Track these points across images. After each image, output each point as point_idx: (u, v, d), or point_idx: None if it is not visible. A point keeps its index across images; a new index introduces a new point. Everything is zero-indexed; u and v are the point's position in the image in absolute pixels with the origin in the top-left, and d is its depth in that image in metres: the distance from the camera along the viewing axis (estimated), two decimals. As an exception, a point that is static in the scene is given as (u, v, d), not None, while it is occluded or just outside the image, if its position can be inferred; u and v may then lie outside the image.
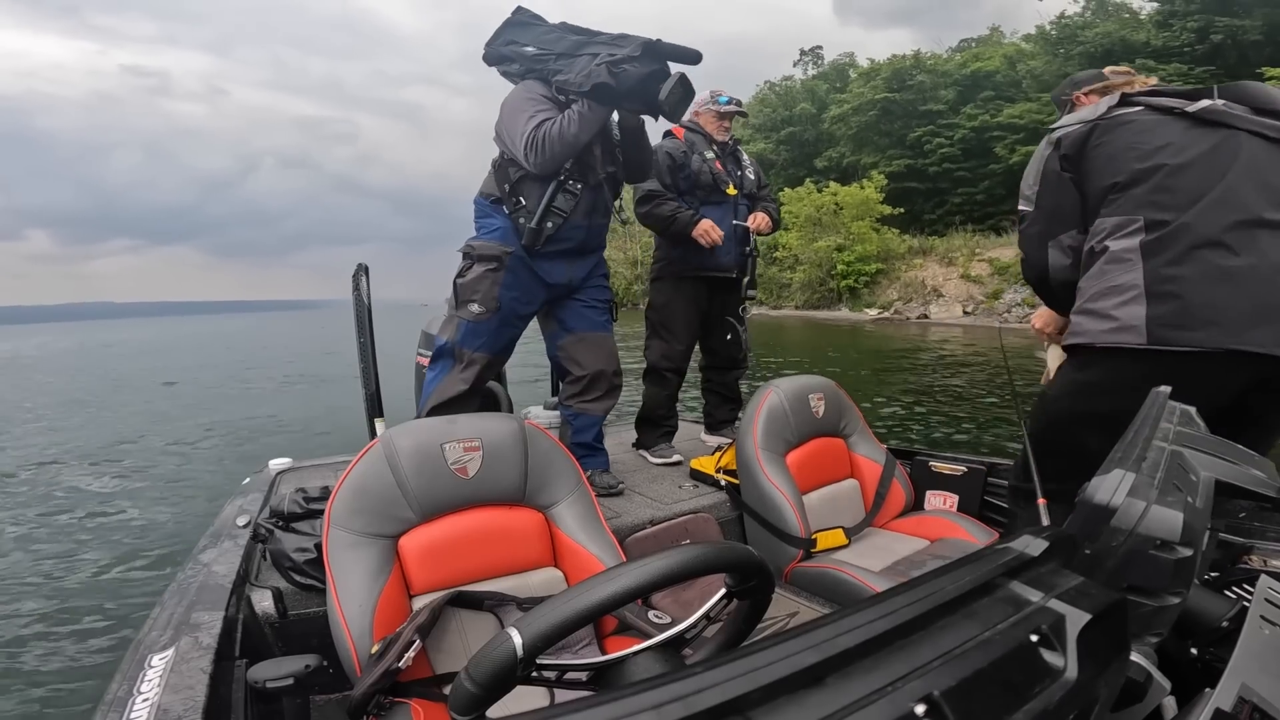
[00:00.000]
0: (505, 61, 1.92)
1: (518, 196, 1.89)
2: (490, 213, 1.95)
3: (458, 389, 1.94)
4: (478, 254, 1.92)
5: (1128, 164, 1.34)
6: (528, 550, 1.38)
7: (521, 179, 1.89)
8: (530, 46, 1.86)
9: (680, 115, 1.83)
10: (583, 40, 1.82)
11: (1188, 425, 0.73)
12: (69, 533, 4.17)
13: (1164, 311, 1.26)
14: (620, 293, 43.75)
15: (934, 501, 2.24)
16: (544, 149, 1.76)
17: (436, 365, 1.99)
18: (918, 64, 28.87)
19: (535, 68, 1.85)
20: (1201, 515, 0.53)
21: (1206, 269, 1.25)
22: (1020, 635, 0.41)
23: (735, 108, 2.57)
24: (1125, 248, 1.33)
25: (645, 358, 2.67)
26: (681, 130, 2.57)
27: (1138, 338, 1.28)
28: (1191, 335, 1.24)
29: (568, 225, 1.92)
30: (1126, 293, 1.31)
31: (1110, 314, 1.32)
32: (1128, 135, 1.36)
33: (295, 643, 1.41)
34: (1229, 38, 18.65)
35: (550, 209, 1.88)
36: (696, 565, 0.62)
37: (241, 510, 1.80)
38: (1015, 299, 17.73)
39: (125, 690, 0.94)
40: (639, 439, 2.69)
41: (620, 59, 1.70)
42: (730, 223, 2.53)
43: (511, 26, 1.91)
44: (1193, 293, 1.25)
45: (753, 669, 0.33)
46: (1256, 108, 1.32)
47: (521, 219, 1.89)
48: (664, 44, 1.73)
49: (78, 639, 2.81)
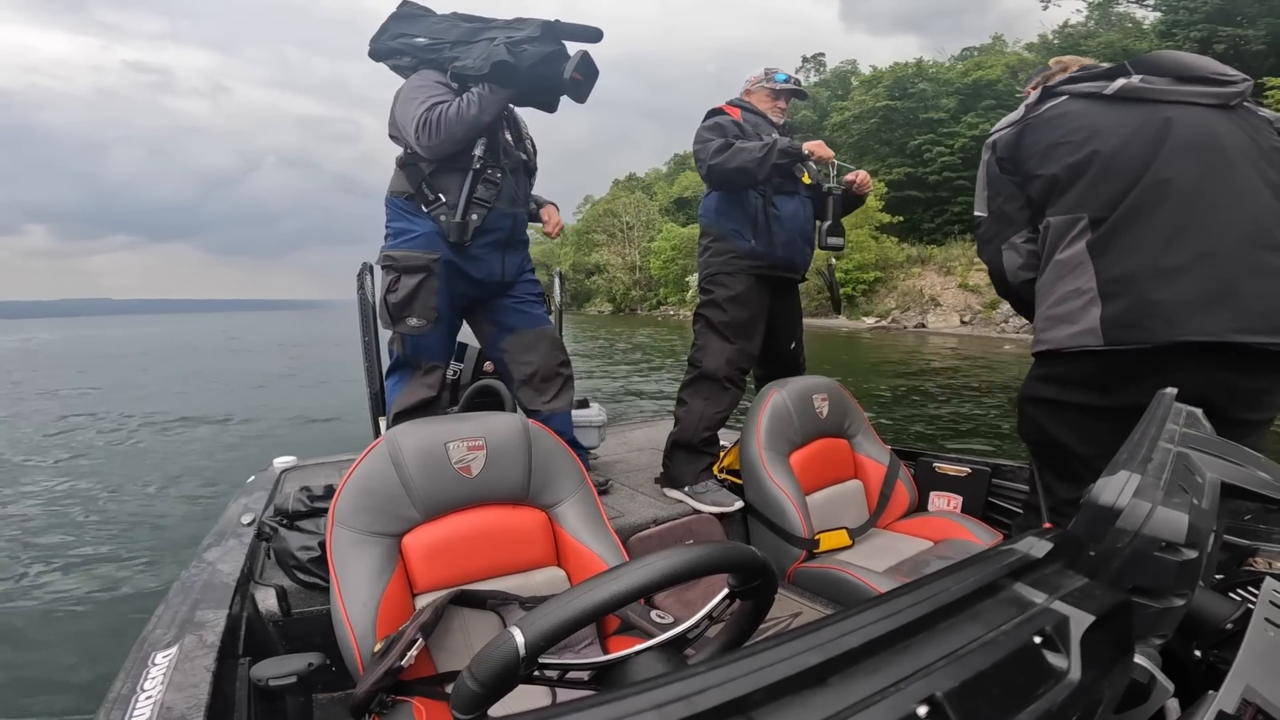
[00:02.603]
0: (395, 55, 1.84)
1: (436, 193, 1.79)
2: (405, 215, 1.82)
3: (423, 395, 1.88)
4: (402, 265, 1.80)
5: (1060, 160, 1.33)
6: (531, 549, 1.38)
7: (435, 173, 1.78)
8: (421, 37, 1.80)
9: (585, 95, 1.78)
10: (478, 26, 1.79)
11: (1193, 427, 0.73)
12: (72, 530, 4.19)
13: (1116, 311, 1.25)
14: (618, 298, 43.79)
15: (938, 502, 2.23)
16: (439, 129, 1.68)
17: (395, 374, 1.93)
18: (920, 72, 28.92)
19: (429, 58, 1.79)
20: (1207, 517, 0.53)
21: (1148, 262, 1.23)
22: (1024, 636, 0.41)
23: (793, 86, 2.26)
24: (1075, 251, 1.32)
25: (696, 364, 2.19)
26: (736, 110, 2.23)
27: (1095, 340, 1.27)
28: (1139, 333, 1.23)
29: (493, 215, 1.83)
30: (1082, 296, 1.30)
31: (1069, 319, 1.32)
32: (1056, 130, 1.35)
33: (299, 641, 1.41)
34: (1232, 48, 18.63)
35: (473, 200, 1.78)
36: (700, 565, 0.62)
37: (246, 508, 1.81)
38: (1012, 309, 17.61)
39: (129, 688, 0.94)
40: (670, 473, 2.16)
41: (519, 39, 1.67)
42: (802, 217, 2.21)
43: (399, 20, 1.85)
44: (1139, 289, 1.23)
45: (755, 669, 0.33)
46: (1180, 76, 1.29)
47: (443, 216, 1.78)
48: (563, 24, 1.70)
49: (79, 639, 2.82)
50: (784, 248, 2.17)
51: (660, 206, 47.03)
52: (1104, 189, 1.28)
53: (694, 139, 2.17)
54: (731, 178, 2.06)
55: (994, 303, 18.40)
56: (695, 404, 2.17)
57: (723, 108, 2.26)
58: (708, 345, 2.19)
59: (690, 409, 2.17)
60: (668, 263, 36.69)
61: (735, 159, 2.02)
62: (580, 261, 45.51)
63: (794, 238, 2.19)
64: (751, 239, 2.14)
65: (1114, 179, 1.27)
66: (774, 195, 2.14)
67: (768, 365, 2.42)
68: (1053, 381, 1.41)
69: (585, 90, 1.78)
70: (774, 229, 2.14)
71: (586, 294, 47.02)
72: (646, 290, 42.37)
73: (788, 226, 2.17)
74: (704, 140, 2.12)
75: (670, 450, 2.19)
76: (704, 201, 2.31)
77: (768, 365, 2.42)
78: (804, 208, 2.22)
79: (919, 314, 20.46)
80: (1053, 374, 1.40)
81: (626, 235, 45.45)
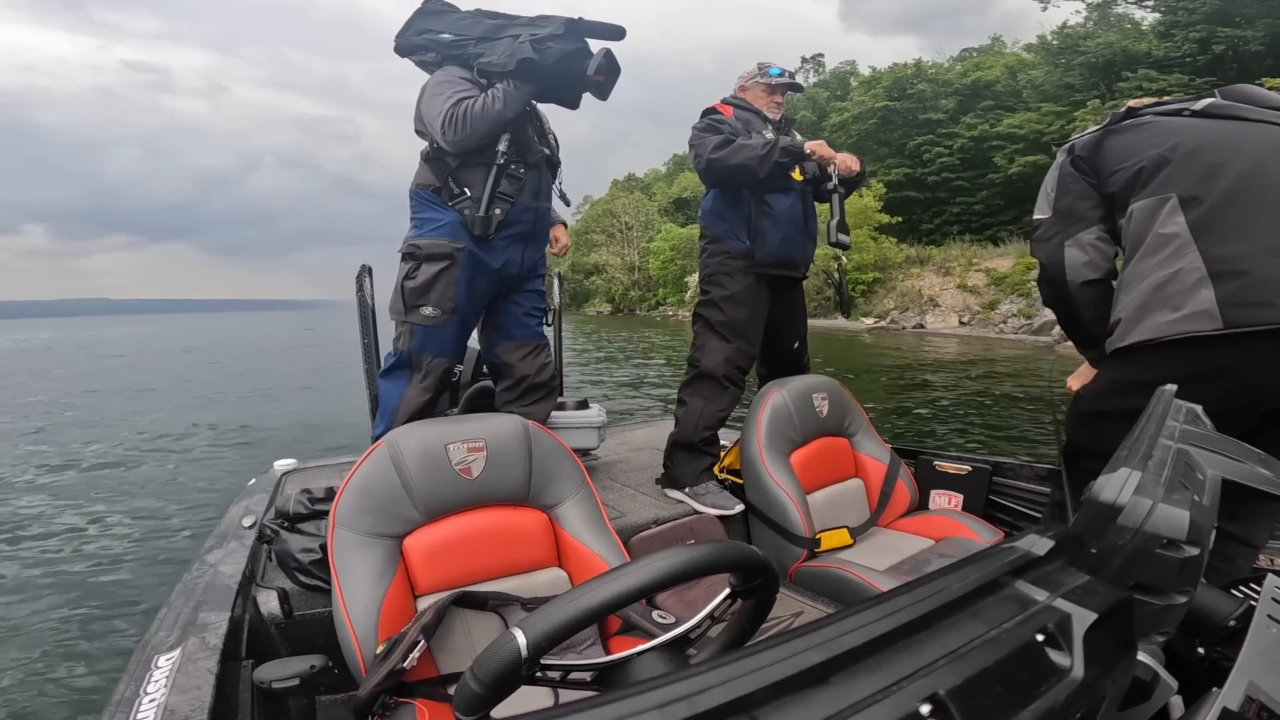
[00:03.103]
0: (420, 51, 1.85)
1: (461, 186, 1.80)
2: (431, 206, 1.84)
3: (422, 400, 1.84)
4: (425, 253, 1.79)
5: (1145, 154, 1.32)
6: (532, 550, 1.38)
7: (461, 167, 1.79)
8: (446, 33, 1.81)
9: (608, 91, 1.78)
10: (501, 23, 1.80)
11: (1194, 423, 0.73)
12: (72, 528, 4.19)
13: (1234, 290, 1.17)
14: (617, 298, 43.76)
15: (939, 501, 2.23)
16: (464, 124, 1.69)
17: (391, 377, 1.88)
18: (919, 72, 28.91)
19: (453, 54, 1.80)
20: (1208, 514, 0.53)
21: (1266, 243, 1.18)
22: (1026, 634, 0.41)
23: (788, 79, 2.25)
24: (1172, 231, 1.26)
25: (695, 364, 2.20)
26: (729, 108, 2.24)
27: (1211, 323, 1.18)
28: (1266, 312, 1.15)
29: (516, 209, 1.84)
30: (1186, 278, 1.22)
31: (1169, 303, 1.23)
32: (1141, 133, 1.36)
33: (301, 643, 1.41)
34: (1230, 48, 18.61)
35: (496, 195, 1.79)
36: (701, 565, 0.62)
37: (247, 511, 1.81)
38: (1011, 310, 17.69)
39: (132, 691, 0.94)
40: (670, 474, 2.17)
41: (543, 37, 1.68)
42: (798, 214, 2.19)
43: (424, 15, 1.86)
44: (1261, 267, 1.17)
45: (757, 668, 0.33)
46: (1263, 104, 1.32)
47: (467, 209, 1.79)
48: (586, 21, 1.71)
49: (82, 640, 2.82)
50: (781, 245, 2.15)
51: (659, 207, 46.98)
52: (1192, 170, 1.25)
53: (690, 139, 2.17)
54: (732, 174, 2.05)
55: (993, 303, 18.39)
56: (694, 403, 2.17)
57: (716, 107, 2.25)
58: (706, 345, 2.19)
59: (689, 409, 2.17)
60: (666, 263, 36.68)
61: (736, 155, 2.01)
62: (579, 262, 45.46)
63: (791, 234, 2.17)
64: (746, 239, 2.14)
65: (1202, 161, 1.25)
66: (766, 193, 2.13)
67: (771, 365, 2.42)
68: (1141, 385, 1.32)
69: (608, 88, 1.78)
70: (768, 228, 2.13)
71: (585, 294, 46.97)
72: (645, 291, 42.33)
73: (783, 223, 2.15)
74: (701, 137, 2.12)
75: (670, 450, 2.19)
76: (702, 202, 2.31)
77: (771, 365, 2.42)
78: (799, 203, 2.19)
79: (918, 314, 20.44)
80: (1143, 376, 1.26)
81: (625, 235, 45.42)
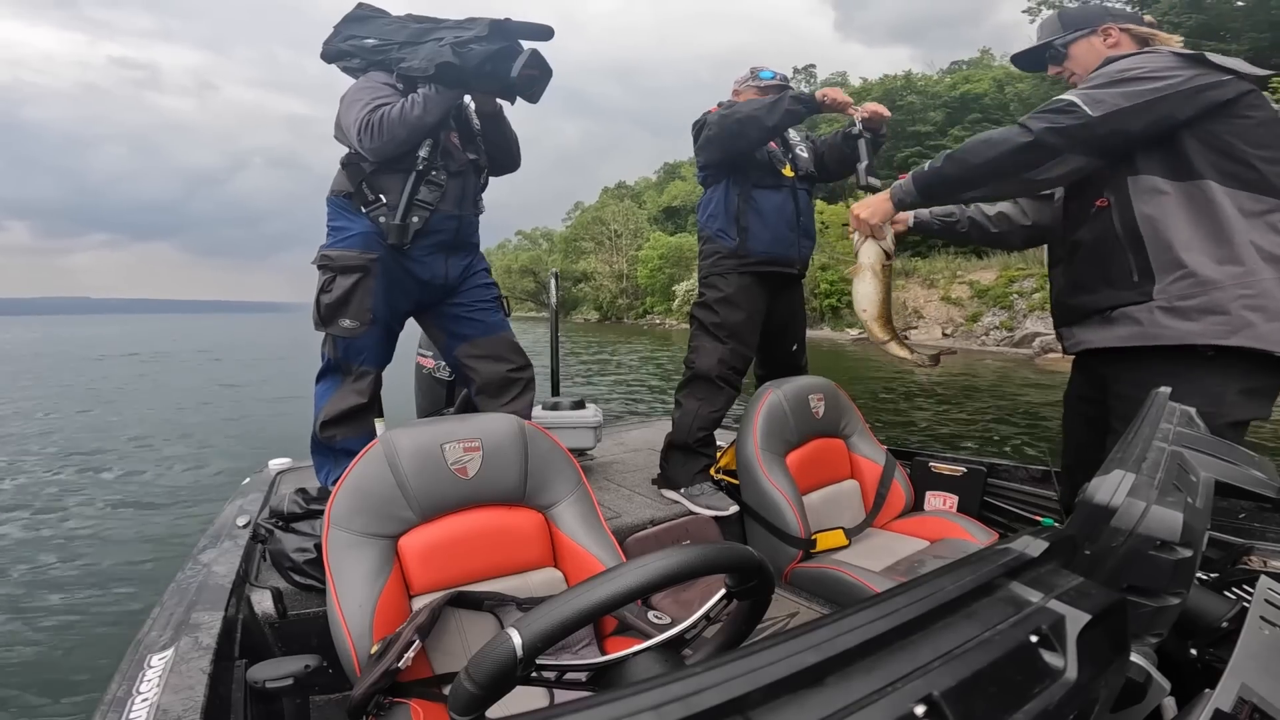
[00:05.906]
0: (344, 57, 1.84)
1: (376, 193, 1.76)
2: (344, 214, 1.80)
3: (352, 402, 1.83)
4: (338, 265, 1.76)
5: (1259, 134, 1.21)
6: (528, 550, 1.37)
7: (376, 173, 1.76)
8: (370, 39, 1.80)
9: (538, 94, 1.77)
10: (427, 27, 1.79)
11: (1187, 426, 0.73)
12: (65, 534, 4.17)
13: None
14: (605, 306, 43.72)
15: (934, 502, 2.24)
16: (380, 131, 1.67)
17: (325, 380, 1.87)
18: (909, 84, 29.09)
19: (376, 59, 1.79)
20: (1201, 516, 0.53)
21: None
22: (1020, 636, 0.41)
23: (780, 82, 2.26)
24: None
25: (690, 365, 2.21)
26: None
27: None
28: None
29: (436, 217, 1.80)
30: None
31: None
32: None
33: (295, 643, 1.41)
34: (1216, 63, 18.79)
35: (414, 203, 1.76)
36: (696, 565, 0.62)
37: (241, 510, 1.80)
38: (993, 322, 17.97)
39: (125, 690, 0.94)
40: (666, 474, 2.19)
41: (466, 39, 1.67)
42: (789, 210, 2.19)
43: (350, 22, 1.85)
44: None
45: (753, 669, 0.33)
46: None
47: (382, 217, 1.76)
48: (512, 22, 1.70)
49: (77, 639, 2.80)
50: (771, 242, 2.16)
51: (649, 215, 46.96)
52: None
53: (695, 150, 2.20)
54: (741, 128, 2.03)
55: (975, 315, 18.55)
56: (690, 404, 2.18)
57: (712, 111, 2.27)
58: (701, 346, 2.21)
59: (685, 409, 2.18)
60: (655, 271, 36.66)
61: (741, 109, 2.04)
62: (568, 269, 45.40)
63: (782, 231, 2.18)
64: (734, 237, 2.15)
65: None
66: (753, 190, 2.14)
67: (769, 366, 2.43)
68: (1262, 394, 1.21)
69: (539, 89, 1.76)
70: (755, 224, 2.14)
71: (573, 301, 46.85)
72: (633, 299, 42.32)
73: (772, 220, 2.16)
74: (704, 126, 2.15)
75: (666, 451, 2.20)
76: (699, 203, 2.32)
77: (769, 366, 2.43)
78: (790, 200, 2.20)
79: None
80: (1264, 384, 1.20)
81: (614, 243, 45.40)
